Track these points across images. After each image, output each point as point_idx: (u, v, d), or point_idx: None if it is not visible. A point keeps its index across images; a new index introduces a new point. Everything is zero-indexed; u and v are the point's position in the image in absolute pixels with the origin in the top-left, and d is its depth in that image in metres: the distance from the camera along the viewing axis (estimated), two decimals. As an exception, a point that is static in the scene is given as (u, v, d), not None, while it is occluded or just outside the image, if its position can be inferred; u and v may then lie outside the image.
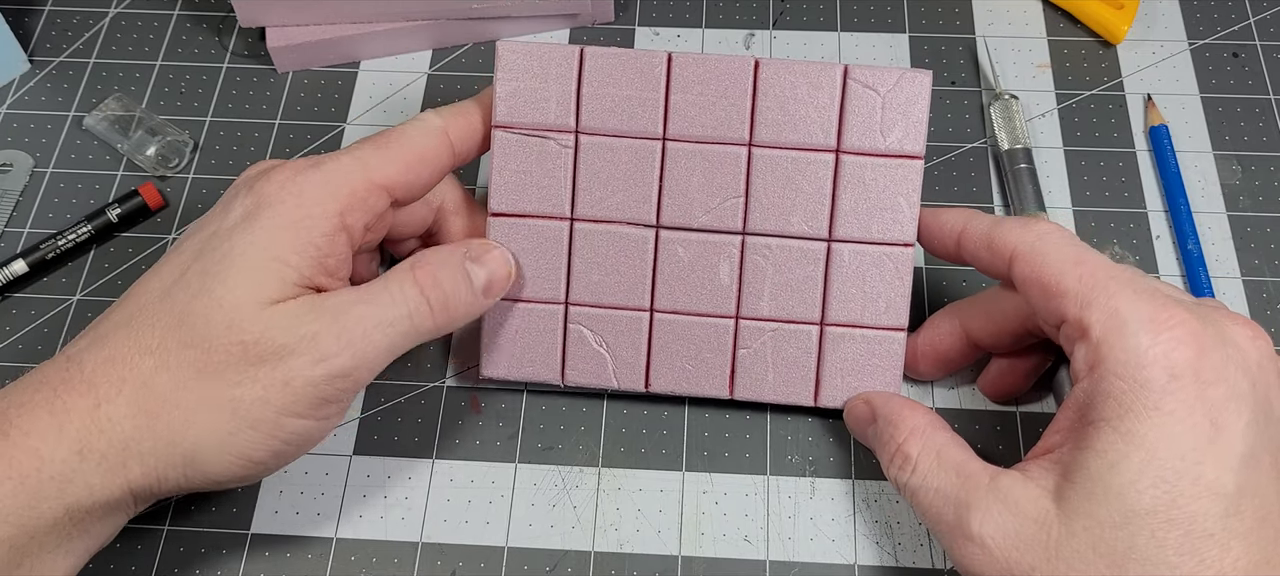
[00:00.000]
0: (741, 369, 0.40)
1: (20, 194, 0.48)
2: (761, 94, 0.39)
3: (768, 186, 0.39)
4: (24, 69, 0.52)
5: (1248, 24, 0.52)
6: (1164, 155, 0.47)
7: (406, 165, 0.37)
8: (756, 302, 0.40)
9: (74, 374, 0.33)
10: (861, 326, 0.40)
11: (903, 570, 0.39)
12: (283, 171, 0.36)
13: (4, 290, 0.45)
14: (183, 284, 0.34)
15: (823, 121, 0.39)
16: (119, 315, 0.35)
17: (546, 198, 0.40)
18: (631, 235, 0.40)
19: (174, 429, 0.33)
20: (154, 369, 0.33)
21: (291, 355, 0.34)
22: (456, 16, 0.51)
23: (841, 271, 0.39)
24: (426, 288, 0.36)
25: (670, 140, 0.40)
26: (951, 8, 0.53)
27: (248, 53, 0.52)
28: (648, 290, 0.40)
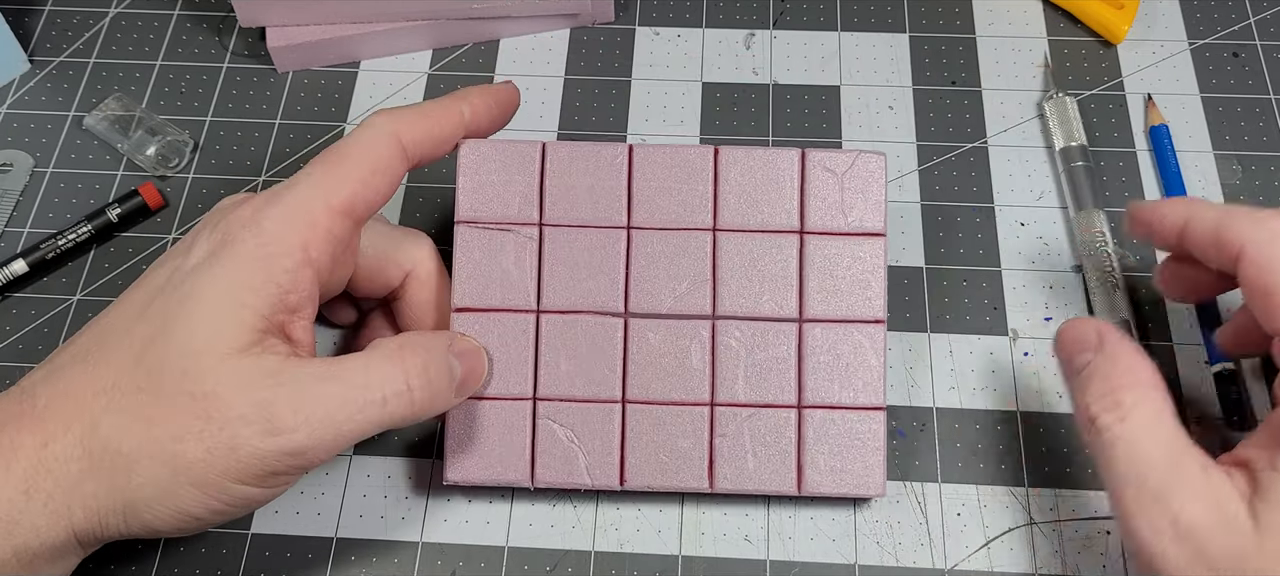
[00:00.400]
0: (720, 458, 0.38)
1: (20, 194, 0.48)
2: (722, 180, 0.40)
3: (735, 269, 0.39)
4: (24, 69, 0.52)
5: (1248, 24, 0.52)
6: (1164, 155, 0.47)
7: (361, 181, 0.35)
8: (731, 387, 0.39)
9: (26, 408, 0.33)
10: (840, 407, 0.39)
11: (903, 570, 0.39)
12: (247, 207, 0.35)
13: (4, 290, 0.45)
14: (143, 320, 0.34)
15: (784, 204, 0.40)
16: (77, 347, 0.34)
17: (511, 291, 0.39)
18: (599, 324, 0.39)
19: (116, 475, 0.32)
20: (103, 409, 0.32)
21: (242, 421, 0.32)
22: (456, 16, 0.51)
23: (815, 351, 0.39)
24: (412, 374, 0.34)
25: (635, 228, 0.40)
26: (951, 8, 0.53)
27: (248, 53, 0.52)
28: (618, 380, 0.39)
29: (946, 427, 0.42)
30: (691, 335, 0.39)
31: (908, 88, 0.50)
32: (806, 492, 0.38)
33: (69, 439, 0.32)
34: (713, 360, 0.39)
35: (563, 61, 0.51)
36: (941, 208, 0.47)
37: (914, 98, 0.50)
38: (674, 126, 0.49)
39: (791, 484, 0.38)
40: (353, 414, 0.33)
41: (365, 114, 0.50)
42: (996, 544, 0.39)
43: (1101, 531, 0.39)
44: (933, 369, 0.43)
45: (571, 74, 0.51)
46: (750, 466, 0.38)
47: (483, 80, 0.51)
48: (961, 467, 0.41)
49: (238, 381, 0.32)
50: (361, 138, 0.36)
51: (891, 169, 0.48)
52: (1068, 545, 0.39)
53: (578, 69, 0.51)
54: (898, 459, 0.41)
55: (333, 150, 0.36)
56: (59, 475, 0.32)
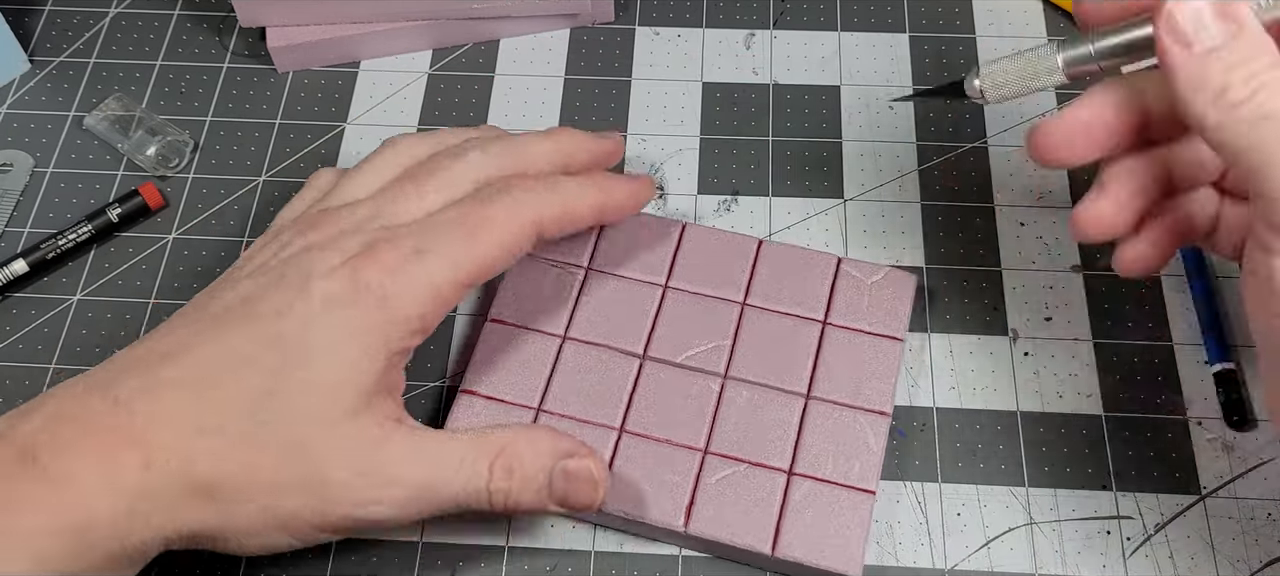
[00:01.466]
0: (701, 500, 0.38)
1: (20, 194, 0.48)
2: (760, 265, 0.43)
3: (755, 341, 0.41)
4: (24, 69, 0.52)
5: (1248, 24, 0.52)
6: (1164, 155, 0.47)
7: (490, 263, 0.36)
8: (727, 439, 0.39)
9: (123, 422, 0.32)
10: (831, 481, 0.38)
11: (903, 570, 0.39)
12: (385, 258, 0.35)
13: (4, 290, 0.45)
14: (255, 367, 0.33)
15: (813, 296, 0.42)
16: (178, 369, 0.33)
17: (544, 316, 0.42)
18: (617, 360, 0.41)
19: (215, 510, 0.33)
20: (205, 452, 0.33)
21: (340, 487, 0.33)
22: (456, 16, 0.51)
23: (816, 426, 0.39)
24: (496, 478, 0.35)
25: (671, 288, 0.42)
26: (951, 8, 0.53)
27: (248, 53, 0.52)
28: (621, 411, 0.40)
29: (946, 427, 0.42)
30: (701, 385, 0.40)
31: (908, 88, 0.50)
32: (779, 554, 0.37)
33: (170, 469, 0.32)
34: (716, 411, 0.40)
35: (563, 61, 0.51)
36: (941, 208, 0.47)
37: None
38: (674, 126, 0.49)
39: (767, 543, 0.37)
40: (436, 500, 0.35)
41: (365, 114, 0.50)
42: (996, 544, 0.39)
43: (1101, 531, 0.39)
44: (933, 369, 0.43)
45: (571, 74, 0.51)
46: (728, 516, 0.38)
47: (482, 81, 0.51)
48: (961, 467, 0.41)
49: (343, 450, 0.34)
50: (502, 218, 0.37)
51: (891, 169, 0.48)
52: (1067, 545, 0.39)
53: (578, 69, 0.51)
54: (898, 459, 0.41)
55: (473, 217, 0.36)
56: (159, 500, 0.32)
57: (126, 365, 0.34)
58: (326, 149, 0.49)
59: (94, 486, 0.31)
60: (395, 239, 0.35)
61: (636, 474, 0.39)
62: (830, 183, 0.48)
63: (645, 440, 0.39)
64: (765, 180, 0.48)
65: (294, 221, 0.38)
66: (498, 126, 0.44)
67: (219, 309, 0.35)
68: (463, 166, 0.38)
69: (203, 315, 0.35)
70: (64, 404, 0.33)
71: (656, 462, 0.39)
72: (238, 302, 0.35)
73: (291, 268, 0.35)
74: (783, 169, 0.48)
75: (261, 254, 0.37)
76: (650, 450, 0.39)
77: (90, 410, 0.33)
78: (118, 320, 0.45)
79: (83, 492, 0.31)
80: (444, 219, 0.36)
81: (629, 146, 0.49)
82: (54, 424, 0.32)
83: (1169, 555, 0.39)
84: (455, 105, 0.50)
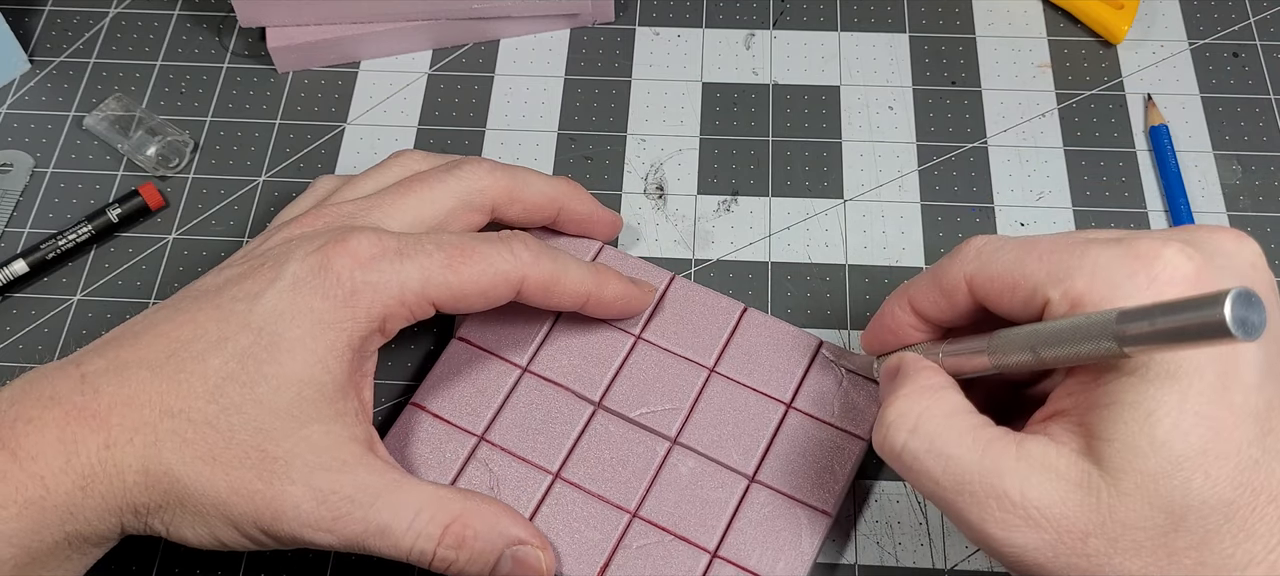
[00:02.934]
0: (617, 564, 0.37)
1: (20, 194, 0.48)
2: (740, 334, 0.42)
3: (714, 411, 0.40)
4: (24, 69, 0.52)
5: (1248, 24, 0.52)
6: (1164, 155, 0.47)
7: (462, 294, 0.36)
8: (660, 507, 0.38)
9: (89, 402, 0.32)
10: (752, 572, 0.37)
11: (903, 570, 0.39)
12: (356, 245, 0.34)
13: (4, 290, 0.45)
14: (221, 350, 0.33)
15: (784, 376, 0.41)
16: (146, 351, 0.34)
17: (510, 344, 0.41)
18: (569, 403, 0.40)
19: (169, 496, 0.33)
20: (169, 432, 0.32)
21: (294, 502, 0.33)
22: (456, 16, 0.51)
23: (753, 513, 0.38)
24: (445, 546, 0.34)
25: (643, 339, 0.42)
26: (951, 8, 0.53)
27: (248, 53, 0.52)
28: (561, 457, 0.39)
29: (946, 428, 0.41)
30: (647, 447, 0.39)
31: (908, 88, 0.50)
32: None
33: (130, 450, 0.32)
34: (656, 476, 0.39)
35: (563, 61, 0.51)
36: (941, 208, 0.47)
37: (914, 98, 0.50)
38: (674, 126, 0.49)
39: None
40: (382, 546, 0.34)
41: (365, 114, 0.50)
42: (996, 544, 0.39)
43: (1101, 531, 0.39)
44: (933, 369, 0.43)
45: (571, 74, 0.51)
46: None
47: (482, 81, 0.51)
48: (961, 468, 0.41)
49: (307, 458, 0.33)
50: (489, 260, 0.36)
51: (891, 169, 0.48)
52: (1068, 545, 0.39)
53: (578, 69, 0.51)
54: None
55: (462, 245, 0.36)
56: (115, 481, 0.32)
57: (98, 345, 0.34)
58: (326, 149, 0.49)
59: (51, 461, 0.32)
60: (377, 234, 0.35)
61: (558, 524, 0.38)
62: (830, 183, 0.48)
63: (577, 490, 0.38)
64: (765, 180, 0.48)
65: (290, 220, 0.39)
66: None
67: (197, 292, 0.36)
68: (454, 179, 0.39)
69: (181, 298, 0.36)
70: (33, 382, 0.33)
71: (582, 517, 0.38)
72: (216, 287, 0.35)
73: (272, 255, 0.36)
74: (783, 169, 0.48)
75: (252, 244, 0.38)
76: (579, 502, 0.38)
77: (56, 387, 0.33)
78: (118, 320, 0.45)
79: (40, 467, 0.31)
80: (436, 237, 0.36)
81: (628, 146, 0.49)
82: (20, 400, 0.33)
83: (1169, 555, 0.39)
84: (455, 105, 0.50)
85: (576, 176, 0.48)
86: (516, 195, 0.40)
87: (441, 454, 0.39)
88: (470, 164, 0.40)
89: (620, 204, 0.47)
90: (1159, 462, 0.28)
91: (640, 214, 0.47)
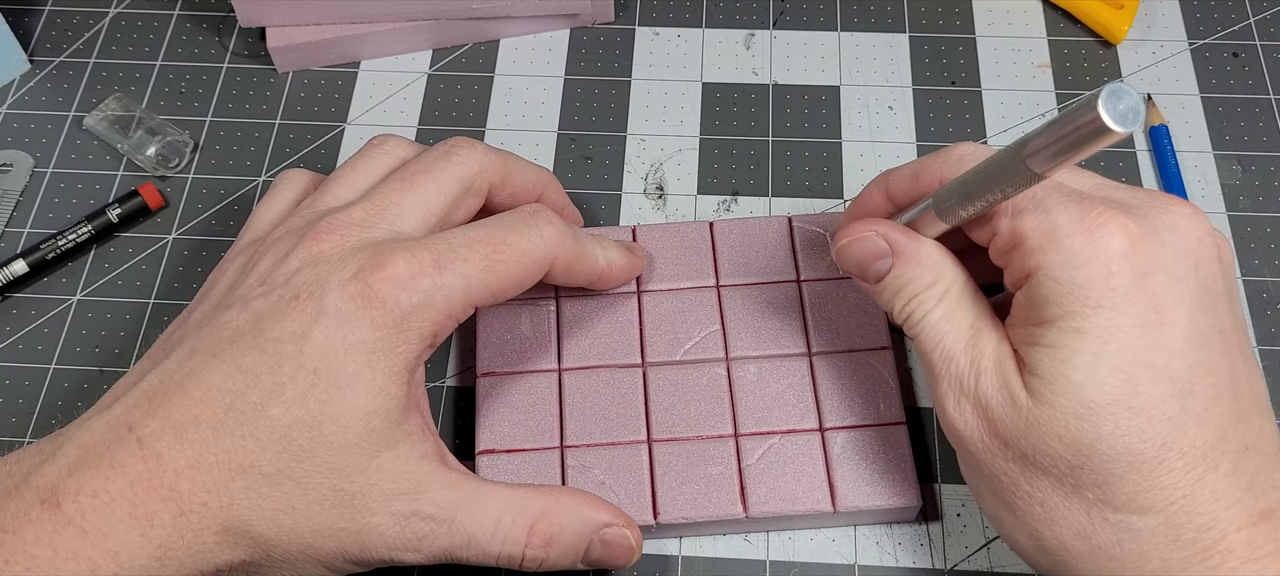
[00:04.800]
0: (751, 483, 0.38)
1: (20, 194, 0.48)
2: (720, 245, 0.43)
3: (741, 316, 0.42)
4: (24, 69, 0.52)
5: (1248, 24, 0.52)
6: (1164, 155, 0.47)
7: (503, 288, 0.36)
8: (752, 417, 0.40)
9: (153, 470, 0.31)
10: (861, 426, 0.39)
11: (903, 570, 0.39)
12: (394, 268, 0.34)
13: (4, 290, 0.45)
14: (280, 399, 0.32)
15: (778, 260, 0.43)
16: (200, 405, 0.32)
17: (532, 354, 0.41)
18: (620, 375, 0.41)
19: (252, 551, 0.32)
20: (242, 490, 0.31)
21: (378, 532, 0.33)
22: (456, 16, 0.51)
23: (827, 378, 0.40)
24: (533, 547, 0.35)
25: (644, 292, 0.42)
26: (951, 8, 0.53)
27: (248, 53, 0.52)
28: (642, 421, 0.40)
29: (946, 428, 0.42)
30: (709, 375, 0.40)
31: (908, 88, 0.50)
32: (842, 509, 0.38)
33: (206, 514, 0.31)
34: (732, 395, 0.40)
35: (563, 61, 0.51)
36: (941, 208, 0.47)
37: (914, 98, 0.50)
38: (674, 126, 0.49)
39: (826, 502, 0.38)
40: (470, 555, 0.34)
41: (365, 114, 0.50)
42: (996, 544, 0.39)
43: (1101, 531, 0.39)
44: (933, 369, 0.43)
45: (571, 74, 0.51)
46: (783, 489, 0.38)
47: (482, 81, 0.51)
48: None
49: (383, 487, 0.33)
50: (523, 248, 0.36)
51: (891, 169, 0.48)
52: (1067, 545, 0.39)
53: (578, 69, 0.51)
54: (898, 459, 0.41)
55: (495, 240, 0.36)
56: (195, 546, 0.31)
57: (143, 400, 0.32)
58: (326, 149, 0.49)
59: (125, 537, 0.30)
60: (410, 251, 0.34)
61: (677, 480, 0.39)
62: (830, 183, 0.48)
63: (675, 443, 0.39)
64: (765, 180, 0.48)
65: (282, 226, 0.37)
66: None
67: (231, 332, 0.33)
68: (454, 166, 0.38)
69: (215, 340, 0.33)
70: (86, 448, 0.31)
71: (695, 460, 0.39)
72: (250, 325, 0.33)
73: (302, 284, 0.34)
74: (783, 169, 0.48)
75: (263, 263, 0.35)
76: (684, 452, 0.39)
77: (115, 455, 0.31)
78: (118, 320, 0.45)
79: (113, 544, 0.30)
80: (465, 238, 0.36)
81: (628, 146, 0.49)
82: (78, 469, 0.31)
83: (1169, 555, 0.39)
84: (455, 105, 0.50)
85: (576, 176, 0.48)
86: (508, 178, 0.40)
87: (538, 478, 0.39)
88: (464, 147, 0.39)
89: (620, 204, 0.47)
90: (1071, 404, 0.31)
91: (640, 214, 0.47)
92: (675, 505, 0.38)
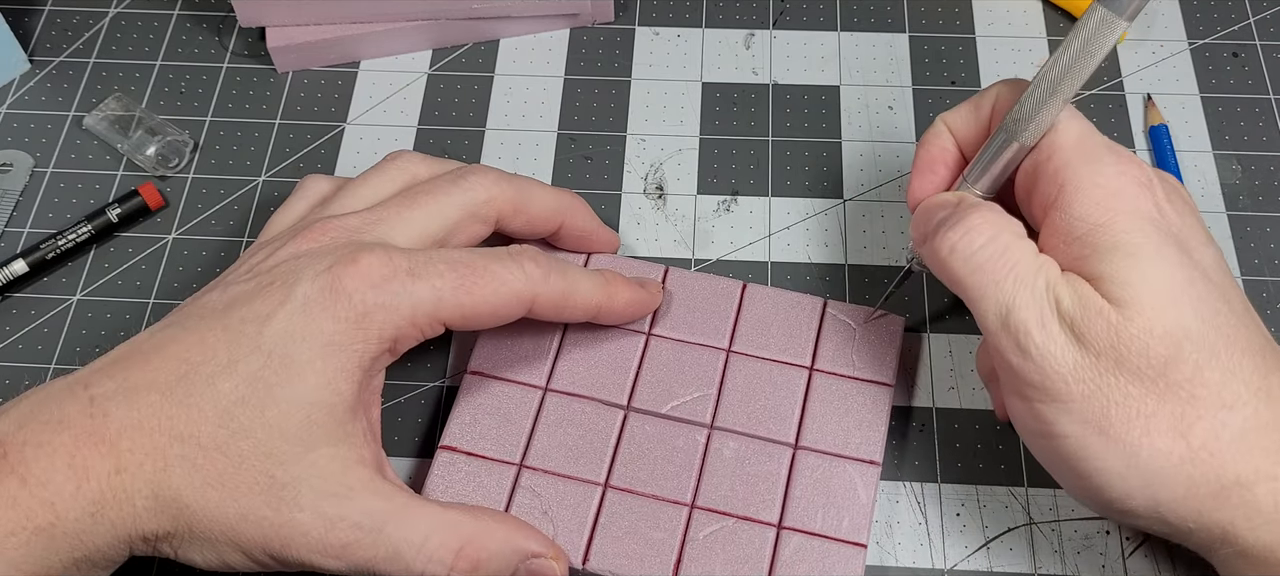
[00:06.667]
0: (689, 557, 0.37)
1: (20, 194, 0.48)
2: (746, 309, 0.42)
3: (740, 389, 0.40)
4: (24, 69, 0.52)
5: (1248, 24, 0.52)
6: (1164, 155, 0.47)
7: (474, 313, 0.36)
8: (715, 493, 0.38)
9: (98, 426, 0.32)
10: (820, 535, 0.37)
11: (903, 570, 0.39)
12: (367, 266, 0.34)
13: (4, 290, 0.45)
14: (231, 374, 0.33)
15: (800, 341, 0.41)
16: (157, 371, 0.33)
17: (524, 367, 0.41)
18: (599, 412, 0.40)
19: (178, 522, 0.33)
20: (179, 457, 0.32)
21: (302, 529, 0.33)
22: (456, 16, 0.51)
23: (805, 478, 0.39)
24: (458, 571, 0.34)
25: (654, 335, 0.42)
26: (951, 8, 0.53)
27: (248, 53, 0.52)
28: (605, 466, 0.39)
29: (946, 427, 0.42)
30: (686, 438, 0.40)
31: (908, 88, 0.50)
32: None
33: (140, 475, 0.32)
34: (702, 464, 0.39)
35: (563, 61, 0.51)
36: (941, 208, 0.47)
37: (914, 98, 0.50)
38: (674, 126, 0.49)
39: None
40: (393, 571, 0.34)
41: (365, 114, 0.50)
42: (996, 544, 0.39)
43: (1101, 531, 0.39)
44: (932, 369, 0.43)
45: (571, 74, 0.51)
46: (718, 573, 0.37)
47: (482, 81, 0.51)
48: (961, 468, 0.41)
49: (315, 485, 0.33)
50: (501, 278, 0.36)
51: (891, 169, 0.48)
52: (1067, 545, 0.39)
53: (578, 69, 0.51)
54: (897, 459, 0.41)
55: (475, 265, 0.36)
56: (126, 507, 0.32)
57: (105, 364, 0.34)
58: (326, 149, 0.49)
59: (62, 488, 0.31)
60: (388, 254, 0.35)
61: (622, 530, 0.38)
62: (830, 183, 0.48)
63: (631, 495, 0.39)
64: (765, 180, 0.48)
65: (289, 228, 0.38)
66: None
67: (204, 310, 0.35)
68: (462, 191, 0.38)
69: (187, 316, 0.35)
70: (40, 403, 0.33)
71: (643, 518, 0.38)
72: (223, 305, 0.35)
73: (280, 273, 0.35)
74: (782, 169, 0.48)
75: (254, 258, 0.37)
76: (636, 505, 0.38)
77: (65, 410, 0.32)
78: (117, 320, 0.45)
79: (50, 493, 0.31)
80: (447, 256, 0.36)
81: (628, 146, 0.49)
82: (27, 423, 0.32)
83: (1168, 556, 0.39)
84: (455, 105, 0.50)
85: (576, 176, 0.48)
86: (521, 207, 0.40)
87: (484, 490, 0.39)
88: (475, 173, 0.39)
89: (620, 204, 0.47)
90: (1153, 294, 0.32)
91: (640, 214, 0.47)
92: (607, 556, 0.37)
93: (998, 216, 0.35)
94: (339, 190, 0.40)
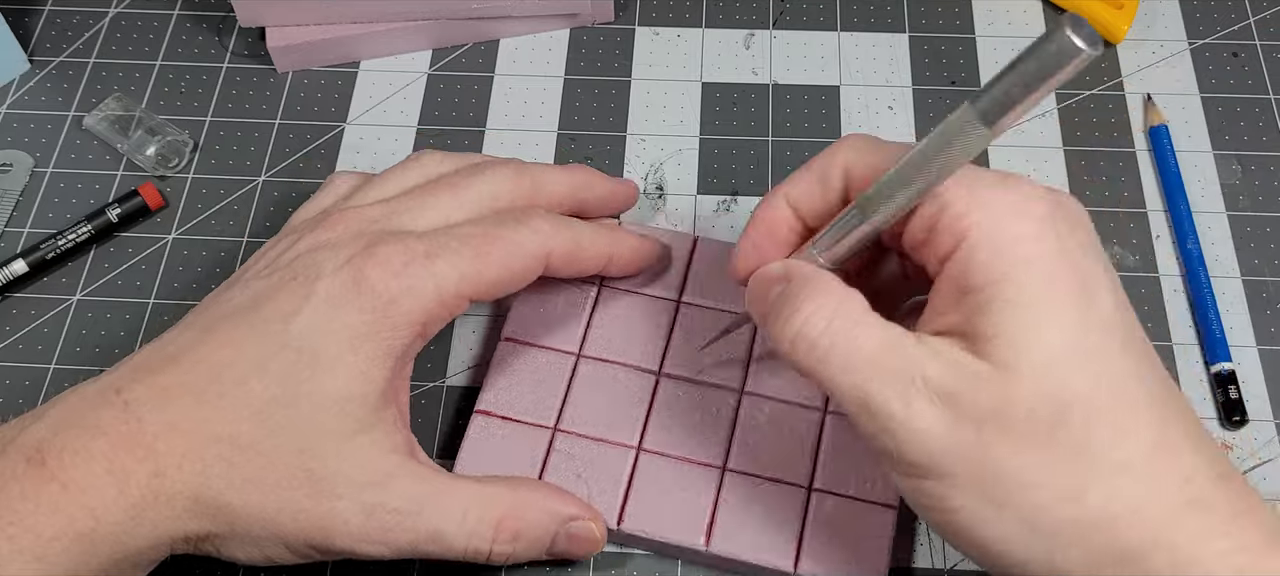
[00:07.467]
0: (721, 520, 0.38)
1: (20, 194, 0.48)
2: None
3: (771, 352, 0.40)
4: (24, 69, 0.52)
5: (1248, 24, 0.52)
6: (1164, 155, 0.47)
7: (496, 281, 0.36)
8: (746, 456, 0.39)
9: (134, 431, 0.32)
10: (852, 497, 0.38)
11: (902, 570, 0.39)
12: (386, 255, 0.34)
13: (4, 290, 0.45)
14: (263, 374, 0.33)
15: None
16: (188, 374, 0.33)
17: (558, 333, 0.41)
18: (632, 377, 0.41)
19: (218, 522, 0.33)
20: (216, 458, 0.33)
21: (343, 519, 0.33)
22: (456, 16, 0.51)
23: (836, 440, 0.39)
24: (501, 541, 0.35)
25: (685, 303, 0.42)
26: (951, 8, 0.53)
27: (248, 53, 0.52)
28: (638, 429, 0.39)
29: (946, 428, 0.41)
30: (718, 402, 0.40)
31: (908, 88, 0.50)
32: (801, 571, 0.37)
33: (180, 478, 0.32)
34: (733, 428, 0.39)
35: (563, 61, 0.51)
36: (941, 208, 0.47)
37: (914, 98, 0.50)
38: (674, 126, 0.49)
39: (788, 560, 0.37)
40: (436, 550, 0.35)
41: (365, 114, 0.50)
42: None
43: (1101, 531, 0.39)
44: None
45: (571, 74, 0.51)
46: (749, 536, 0.37)
47: (482, 81, 0.51)
48: (961, 468, 0.41)
49: (353, 476, 0.34)
50: (514, 242, 0.37)
51: (891, 169, 0.48)
52: (1067, 545, 0.39)
53: (578, 69, 0.51)
54: (897, 459, 0.41)
55: (487, 235, 0.36)
56: (165, 510, 0.32)
57: (135, 368, 0.34)
58: (326, 149, 0.49)
59: (103, 493, 0.31)
60: (403, 241, 0.35)
61: (653, 494, 0.38)
62: (830, 183, 0.48)
63: (664, 458, 0.39)
64: (765, 180, 0.48)
65: (310, 220, 0.39)
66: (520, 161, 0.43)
67: (228, 309, 0.35)
68: (479, 183, 0.39)
69: (212, 316, 0.35)
70: (74, 408, 0.33)
71: (675, 482, 0.38)
72: (247, 303, 0.35)
73: (300, 267, 0.35)
74: (783, 169, 0.48)
75: (273, 251, 0.37)
76: (669, 469, 0.39)
77: (100, 415, 0.32)
78: (117, 320, 0.45)
79: (91, 499, 0.31)
80: (458, 232, 0.36)
81: (628, 146, 0.49)
82: (63, 429, 0.32)
83: (1168, 555, 0.39)
84: (455, 105, 0.50)
85: (576, 176, 0.48)
86: (538, 197, 0.40)
87: (520, 454, 0.39)
88: (492, 167, 0.40)
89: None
90: (1043, 353, 0.29)
91: (640, 214, 0.47)
92: (641, 518, 0.38)
93: (835, 297, 0.32)
94: (363, 184, 0.40)
